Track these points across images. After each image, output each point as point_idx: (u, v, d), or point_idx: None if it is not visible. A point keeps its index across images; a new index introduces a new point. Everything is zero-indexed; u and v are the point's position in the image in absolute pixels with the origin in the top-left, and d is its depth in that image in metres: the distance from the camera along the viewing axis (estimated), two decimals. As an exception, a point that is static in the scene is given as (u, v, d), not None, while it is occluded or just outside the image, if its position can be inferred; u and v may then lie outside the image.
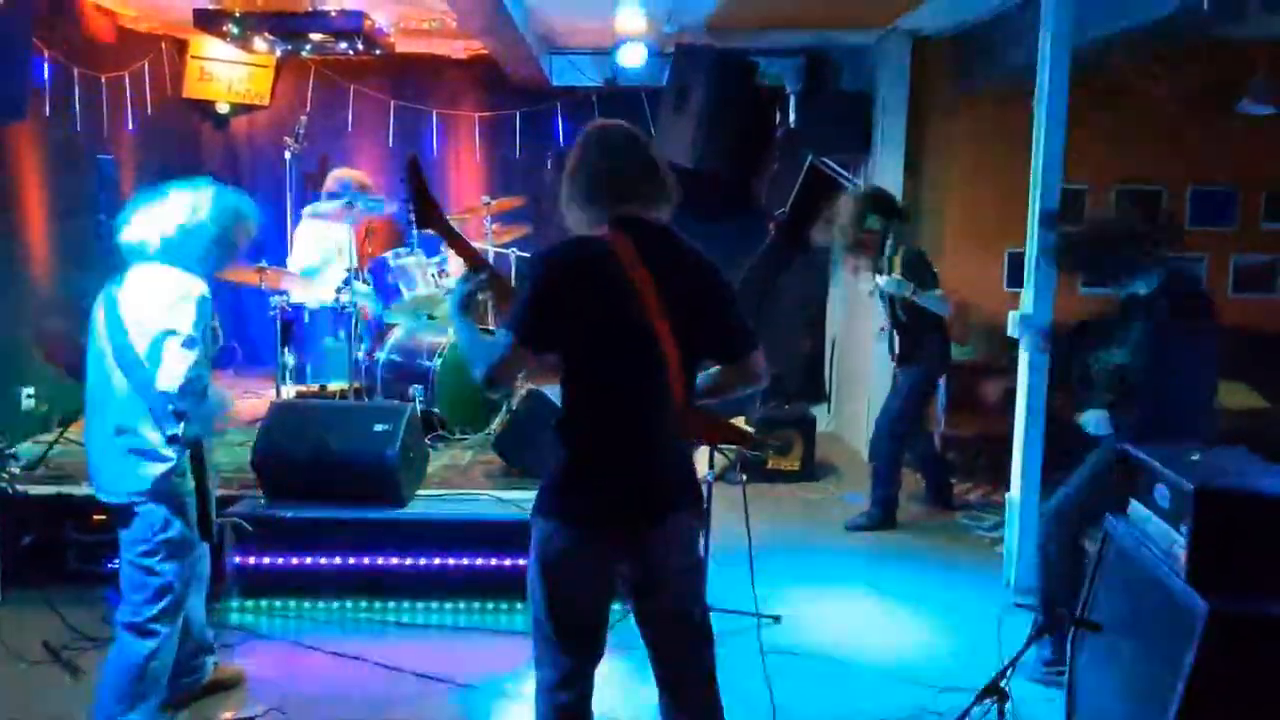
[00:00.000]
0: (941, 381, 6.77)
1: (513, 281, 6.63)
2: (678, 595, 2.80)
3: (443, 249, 6.82)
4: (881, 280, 5.85)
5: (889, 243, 5.87)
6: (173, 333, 3.29)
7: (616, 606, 2.96)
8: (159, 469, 3.36)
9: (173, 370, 3.27)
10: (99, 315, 3.41)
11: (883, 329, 6.20)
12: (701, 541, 3.12)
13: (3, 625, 4.49)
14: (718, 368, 2.85)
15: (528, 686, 2.80)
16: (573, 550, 2.66)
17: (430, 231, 2.91)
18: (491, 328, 6.15)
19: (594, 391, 2.67)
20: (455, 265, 6.70)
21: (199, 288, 3.40)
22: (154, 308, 3.32)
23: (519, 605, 4.67)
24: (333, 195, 6.79)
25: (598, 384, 2.67)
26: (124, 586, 3.44)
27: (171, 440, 3.36)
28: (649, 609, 2.81)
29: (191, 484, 3.46)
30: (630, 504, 2.67)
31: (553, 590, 2.69)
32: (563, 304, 2.59)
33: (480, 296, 2.85)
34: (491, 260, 6.99)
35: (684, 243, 2.76)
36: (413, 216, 2.87)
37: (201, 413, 3.45)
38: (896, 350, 6.10)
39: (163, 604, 3.42)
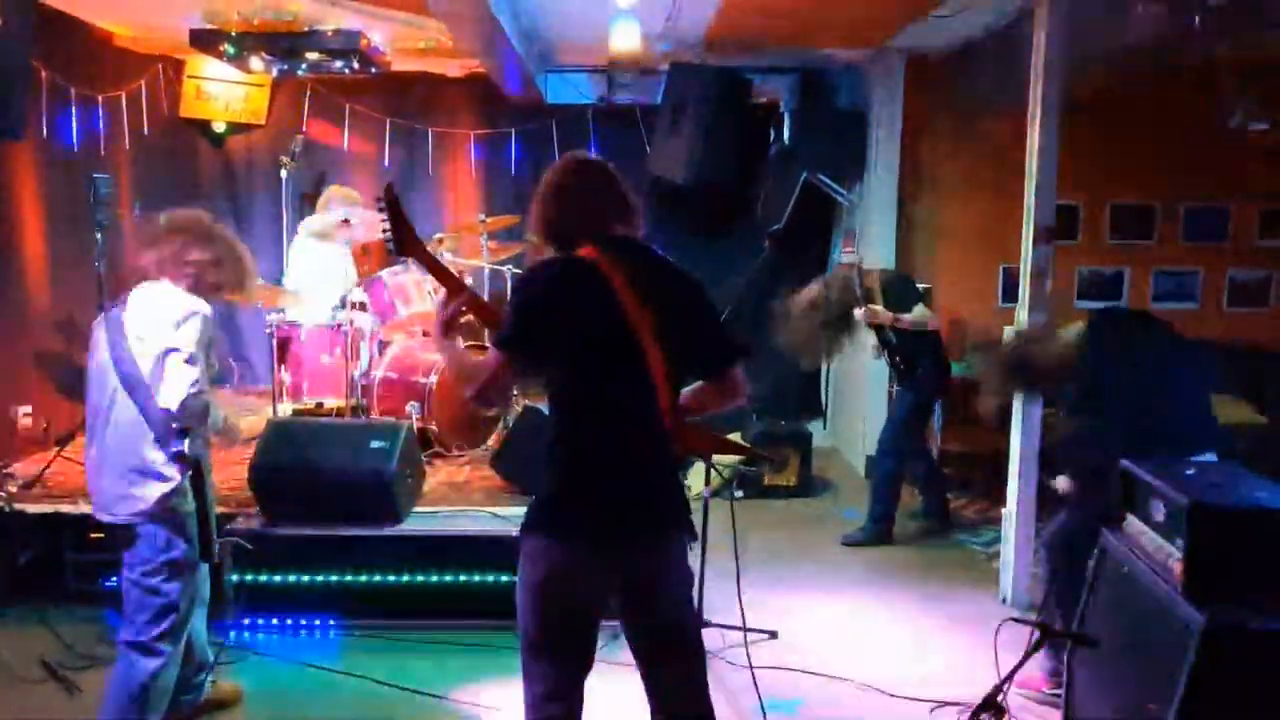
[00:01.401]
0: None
1: (508, 298, 6.67)
2: (669, 610, 2.81)
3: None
4: (859, 313, 5.90)
5: (855, 278, 5.93)
6: (175, 350, 3.30)
7: (608, 624, 2.97)
8: (161, 489, 3.36)
9: (175, 388, 3.28)
10: (100, 334, 3.42)
11: (877, 349, 6.24)
12: (694, 556, 3.12)
13: (0, 644, 4.48)
14: (698, 383, 2.87)
15: (523, 702, 2.80)
16: (564, 566, 2.67)
17: (410, 258, 2.92)
18: (483, 344, 6.19)
19: (582, 407, 2.69)
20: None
21: (201, 306, 3.42)
22: (156, 326, 3.33)
23: (515, 621, 4.66)
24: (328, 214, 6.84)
25: (586, 399, 2.69)
26: (127, 606, 3.44)
27: (174, 458, 3.37)
28: (640, 624, 2.82)
29: (193, 503, 3.46)
30: (622, 519, 2.69)
31: (543, 605, 2.70)
32: (550, 319, 2.62)
33: (462, 319, 2.85)
34: (487, 277, 7.01)
35: (665, 258, 2.80)
36: (391, 245, 2.88)
37: (203, 431, 3.47)
38: (894, 373, 6.14)
39: (167, 623, 3.42)
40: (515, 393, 5.70)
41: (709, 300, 2.82)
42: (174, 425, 3.33)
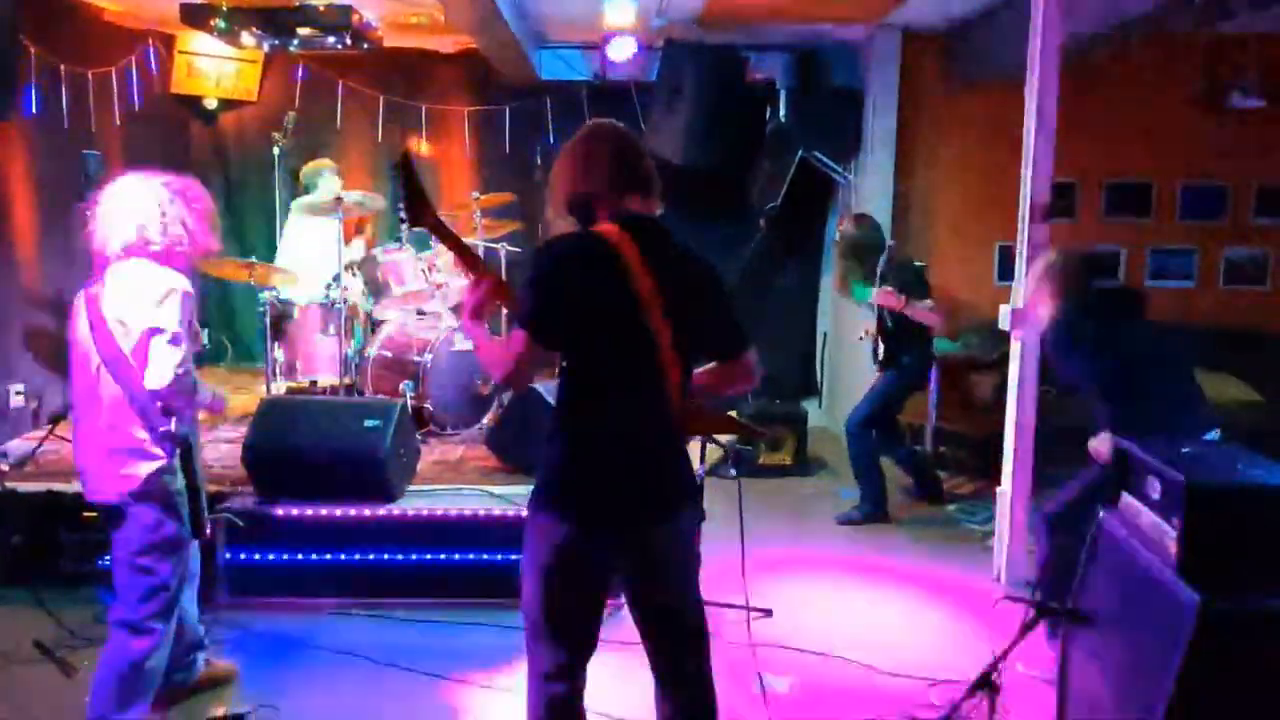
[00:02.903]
0: (933, 376, 6.80)
1: (502, 276, 6.64)
2: (675, 591, 2.80)
3: (433, 243, 6.80)
4: (874, 298, 5.92)
5: (881, 269, 5.96)
6: (159, 330, 3.26)
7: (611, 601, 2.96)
8: (149, 468, 3.33)
9: (162, 368, 3.24)
10: (79, 315, 3.36)
11: (863, 336, 6.24)
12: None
13: (-6, 624, 4.48)
14: (711, 365, 2.85)
15: (520, 680, 2.80)
16: (573, 546, 2.65)
17: (423, 229, 2.86)
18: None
19: (593, 385, 2.67)
20: (445, 260, 6.69)
21: (180, 282, 3.36)
22: (137, 305, 3.28)
23: (510, 599, 4.65)
24: (308, 188, 6.88)
25: (597, 378, 2.66)
26: (118, 586, 3.42)
27: (162, 438, 3.34)
28: (646, 604, 2.81)
29: (182, 481, 3.44)
30: (632, 499, 2.67)
31: (550, 585, 2.68)
32: (568, 298, 2.59)
33: (490, 306, 2.80)
34: (481, 255, 6.97)
35: (680, 241, 2.77)
36: (404, 214, 2.81)
37: (190, 409, 3.44)
38: (879, 357, 6.13)
39: (158, 602, 3.41)
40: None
41: (723, 284, 2.80)
42: (161, 405, 3.30)
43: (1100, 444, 4.15)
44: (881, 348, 6.08)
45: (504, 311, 6.27)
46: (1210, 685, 2.73)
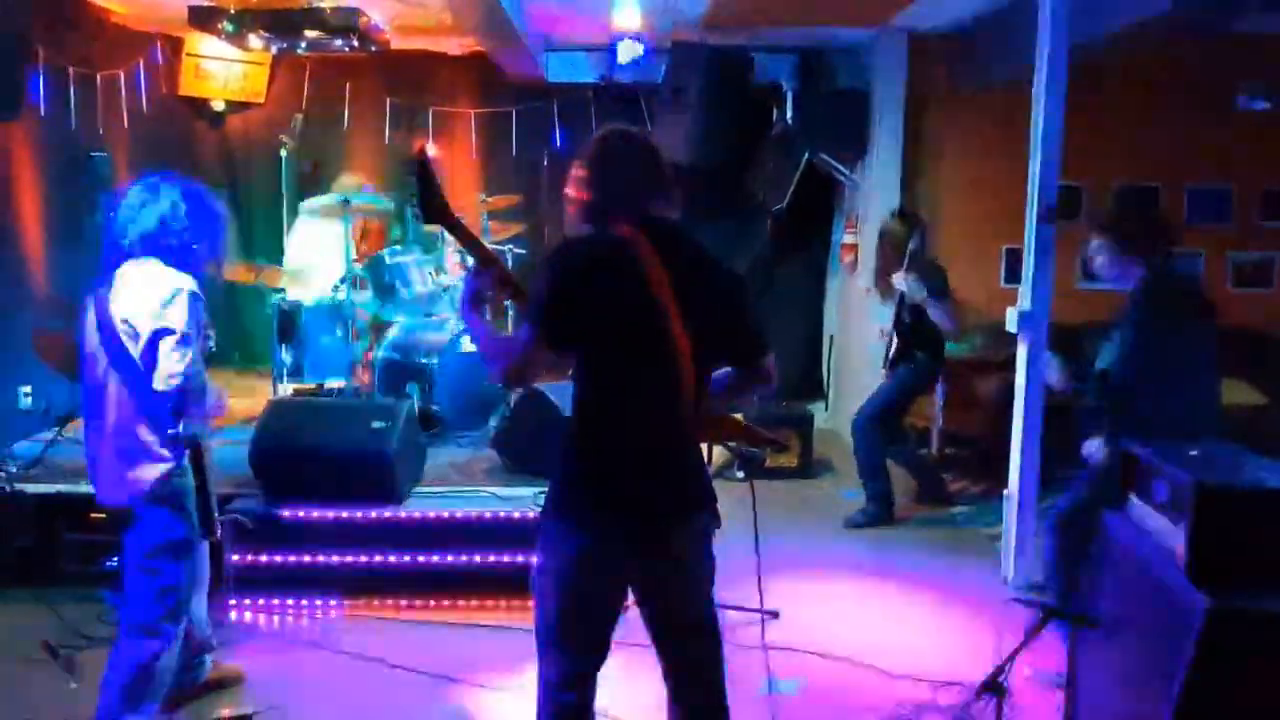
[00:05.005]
0: (940, 378, 6.80)
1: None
2: (689, 594, 2.78)
3: (441, 244, 6.81)
4: (899, 280, 5.91)
5: (913, 247, 5.96)
6: (167, 331, 3.26)
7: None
8: (159, 470, 3.34)
9: (169, 369, 3.25)
10: (90, 316, 3.37)
11: (883, 333, 6.24)
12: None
13: (1, 624, 4.48)
14: (728, 370, 2.82)
15: (527, 683, 2.79)
16: (589, 552, 2.62)
17: (437, 227, 2.83)
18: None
19: (609, 390, 2.63)
20: (452, 262, 6.70)
21: (189, 284, 3.36)
22: (145, 306, 3.29)
23: (517, 601, 4.67)
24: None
25: (613, 382, 2.63)
26: (128, 588, 3.42)
27: (171, 440, 3.35)
28: (660, 609, 2.79)
29: (192, 483, 3.44)
30: (648, 504, 2.64)
31: (566, 594, 2.66)
32: (582, 300, 2.55)
33: (490, 293, 2.79)
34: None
35: (699, 244, 2.73)
36: (417, 210, 2.78)
37: (199, 410, 3.44)
38: (890, 355, 6.13)
39: (168, 604, 3.41)
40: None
41: (742, 289, 2.77)
42: (170, 407, 3.30)
43: (1092, 449, 4.14)
44: (895, 345, 6.08)
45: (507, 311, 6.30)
46: (1218, 688, 2.72)
